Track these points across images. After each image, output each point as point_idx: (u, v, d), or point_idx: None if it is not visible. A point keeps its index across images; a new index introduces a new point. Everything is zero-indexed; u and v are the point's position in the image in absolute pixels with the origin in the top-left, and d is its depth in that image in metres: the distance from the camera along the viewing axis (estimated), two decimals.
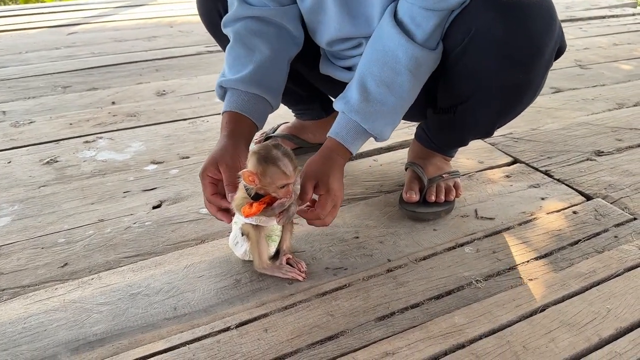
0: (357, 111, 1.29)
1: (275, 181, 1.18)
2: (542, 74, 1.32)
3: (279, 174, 1.17)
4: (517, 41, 1.23)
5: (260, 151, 1.18)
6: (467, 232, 1.47)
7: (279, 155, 1.16)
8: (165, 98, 2.53)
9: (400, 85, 1.28)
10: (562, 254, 1.37)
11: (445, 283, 1.28)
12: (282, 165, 1.16)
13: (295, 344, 1.11)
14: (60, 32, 3.89)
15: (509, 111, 1.42)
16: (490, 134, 1.53)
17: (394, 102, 1.29)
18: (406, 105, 1.33)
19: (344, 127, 1.32)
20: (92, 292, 1.26)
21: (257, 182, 1.19)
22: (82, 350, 1.11)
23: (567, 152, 1.93)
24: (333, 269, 1.33)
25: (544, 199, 1.62)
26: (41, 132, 2.16)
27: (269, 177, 1.17)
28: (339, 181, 1.33)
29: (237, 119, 1.39)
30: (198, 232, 1.49)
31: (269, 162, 1.16)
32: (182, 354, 1.09)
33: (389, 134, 1.35)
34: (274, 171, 1.17)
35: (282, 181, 1.18)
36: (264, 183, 1.18)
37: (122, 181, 1.77)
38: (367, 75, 1.29)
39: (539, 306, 1.19)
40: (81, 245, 1.44)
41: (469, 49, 1.28)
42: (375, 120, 1.30)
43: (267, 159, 1.16)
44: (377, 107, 1.29)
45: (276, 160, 1.16)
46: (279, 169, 1.16)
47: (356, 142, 1.34)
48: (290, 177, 1.19)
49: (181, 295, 1.25)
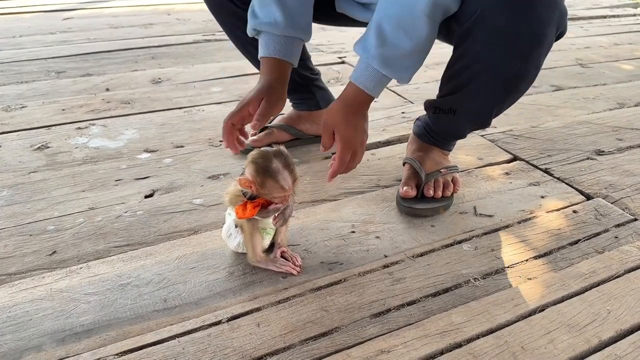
0: (374, 56, 1.26)
1: (273, 193, 1.16)
2: (540, 62, 1.30)
3: (277, 188, 1.14)
4: (519, 30, 1.20)
5: (259, 161, 1.14)
6: (466, 229, 1.44)
7: (278, 167, 1.13)
8: (161, 86, 2.49)
9: (417, 29, 1.24)
10: (562, 253, 1.35)
11: (443, 280, 1.25)
12: (281, 180, 1.13)
13: (288, 340, 1.08)
14: (56, 17, 3.83)
15: (505, 98, 1.39)
16: (487, 124, 1.49)
17: (411, 46, 1.25)
18: (425, 49, 1.29)
19: (363, 72, 1.29)
20: (80, 282, 1.23)
21: (254, 190, 1.16)
22: (68, 341, 1.07)
23: (568, 151, 1.90)
24: (328, 263, 1.30)
25: (543, 197, 1.60)
26: (33, 117, 2.11)
27: (267, 189, 1.15)
28: (355, 128, 1.31)
29: (276, 64, 1.43)
30: (191, 223, 1.45)
31: (267, 176, 1.13)
32: (171, 347, 1.06)
33: (409, 78, 1.31)
34: (273, 185, 1.14)
35: (280, 194, 1.16)
36: (261, 193, 1.16)
37: (114, 169, 1.73)
38: (383, 18, 1.25)
39: (537, 306, 1.17)
40: (70, 233, 1.40)
41: (473, 32, 1.26)
42: (394, 65, 1.27)
43: (267, 172, 1.13)
44: (394, 51, 1.25)
45: (276, 174, 1.13)
46: (278, 183, 1.13)
47: (377, 87, 1.31)
48: (289, 190, 1.16)
49: (172, 287, 1.22)
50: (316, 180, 1.68)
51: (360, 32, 1.36)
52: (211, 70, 2.68)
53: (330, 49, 3.08)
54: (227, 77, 2.59)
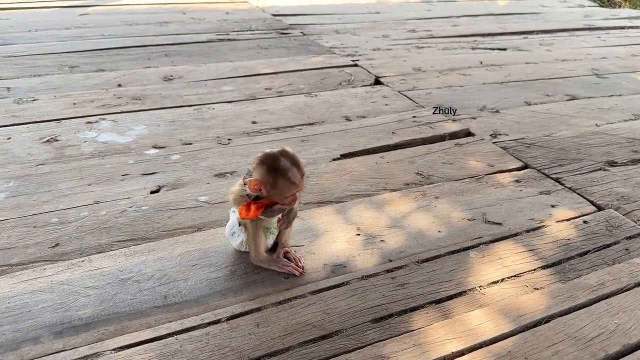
0: None
1: (285, 193, 1.14)
2: None
3: (288, 185, 1.13)
4: None
5: (268, 161, 1.13)
6: (473, 236, 1.42)
7: (287, 165, 1.12)
8: (172, 83, 2.49)
9: None
10: (571, 264, 1.32)
11: (447, 287, 1.22)
12: (292, 176, 1.12)
13: (288, 341, 1.06)
14: (72, 13, 3.85)
15: None
16: None
17: None
18: None
19: None
20: (81, 275, 1.22)
21: (264, 192, 1.14)
22: (66, 334, 1.06)
23: (580, 161, 1.87)
24: (331, 265, 1.28)
25: (554, 206, 1.57)
26: (44, 110, 2.12)
27: (278, 188, 1.13)
28: None
29: None
30: (195, 220, 1.44)
31: (278, 174, 1.12)
32: (168, 345, 1.04)
33: None
34: (284, 183, 1.12)
35: (292, 192, 1.14)
36: (272, 194, 1.14)
37: (122, 164, 1.73)
38: None
39: (543, 317, 1.14)
40: (74, 226, 1.40)
41: None
42: None
43: (277, 170, 1.12)
44: None
45: (286, 172, 1.12)
46: (289, 180, 1.12)
47: None
48: (299, 186, 1.15)
49: (173, 284, 1.20)
50: (323, 181, 1.66)
51: (374, 35, 1.34)
52: (223, 69, 2.67)
53: (344, 52, 3.07)
54: (239, 77, 2.58)
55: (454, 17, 4.28)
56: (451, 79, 2.68)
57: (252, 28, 3.62)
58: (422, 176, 1.72)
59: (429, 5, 4.78)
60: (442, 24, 3.96)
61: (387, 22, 3.95)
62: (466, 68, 2.86)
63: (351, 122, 2.12)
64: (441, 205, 1.55)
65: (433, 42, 3.37)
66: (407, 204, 1.55)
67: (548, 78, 2.78)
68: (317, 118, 2.16)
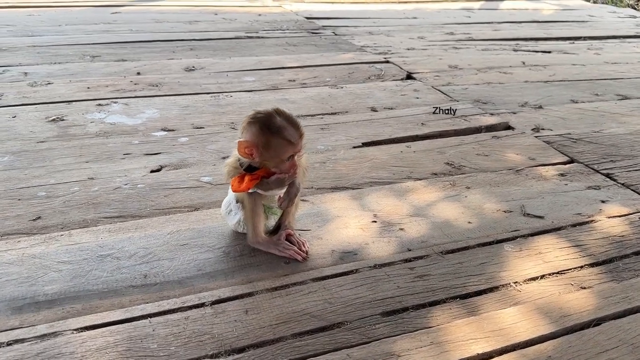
0: None
1: (281, 154, 0.98)
2: None
3: (285, 145, 0.97)
4: None
5: (261, 117, 0.98)
6: (509, 229, 1.22)
7: (283, 123, 0.97)
8: (193, 73, 2.38)
9: None
10: (625, 262, 1.11)
11: (476, 281, 1.04)
12: (287, 135, 0.96)
13: (279, 331, 0.89)
14: (104, 12, 3.83)
15: None
16: None
17: None
18: None
19: None
20: (56, 249, 1.08)
21: (255, 156, 0.99)
22: (26, 310, 0.92)
23: (634, 157, 1.65)
24: (340, 252, 1.11)
25: (604, 202, 1.36)
26: (56, 92, 2.03)
27: (272, 149, 0.97)
28: None
29: None
30: (193, 200, 1.30)
31: (271, 133, 0.96)
32: (139, 328, 0.89)
33: None
34: (279, 143, 0.97)
35: (289, 153, 0.99)
36: (265, 157, 0.99)
37: (126, 144, 1.60)
38: None
39: (592, 319, 0.94)
40: (61, 200, 1.27)
41: None
42: None
43: (270, 128, 0.96)
44: None
45: (281, 130, 0.96)
46: (285, 139, 0.97)
47: None
48: (297, 146, 0.99)
49: (156, 263, 1.05)
50: (340, 167, 1.49)
51: (409, 37, 1.18)
52: (247, 62, 2.55)
53: (376, 50, 2.91)
54: (263, 69, 2.45)
55: (495, 22, 4.08)
56: (490, 77, 2.49)
57: (283, 28, 3.51)
58: (453, 166, 1.54)
59: (469, 12, 4.60)
60: (483, 29, 3.77)
61: (424, 25, 3.78)
62: (507, 67, 2.66)
63: (377, 113, 1.95)
64: (473, 196, 1.36)
65: (472, 44, 3.18)
66: (433, 193, 1.37)
67: (597, 79, 2.55)
68: (341, 108, 2.00)
